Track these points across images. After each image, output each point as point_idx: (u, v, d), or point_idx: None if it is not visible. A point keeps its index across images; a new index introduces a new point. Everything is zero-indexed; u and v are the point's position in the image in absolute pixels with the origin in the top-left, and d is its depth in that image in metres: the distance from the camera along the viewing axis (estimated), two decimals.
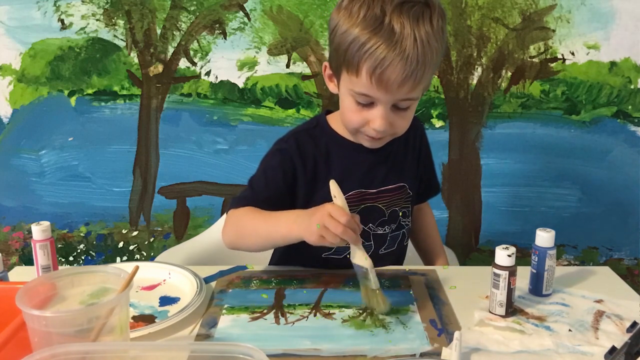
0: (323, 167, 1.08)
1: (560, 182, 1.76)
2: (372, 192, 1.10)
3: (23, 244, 1.83)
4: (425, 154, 1.21)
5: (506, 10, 1.64)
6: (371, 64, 0.90)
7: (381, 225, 1.11)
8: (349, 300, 0.96)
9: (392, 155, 1.12)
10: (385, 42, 0.89)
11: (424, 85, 0.95)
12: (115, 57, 1.71)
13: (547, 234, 0.94)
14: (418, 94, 0.96)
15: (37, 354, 0.61)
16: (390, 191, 1.11)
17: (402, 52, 0.89)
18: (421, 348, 0.82)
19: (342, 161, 1.09)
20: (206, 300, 0.96)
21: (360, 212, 1.08)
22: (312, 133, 1.10)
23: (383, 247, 1.12)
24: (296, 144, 1.08)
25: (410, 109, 0.99)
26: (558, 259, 1.76)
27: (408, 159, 1.15)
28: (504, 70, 1.69)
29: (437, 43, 0.92)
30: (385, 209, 1.11)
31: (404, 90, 0.92)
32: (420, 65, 0.90)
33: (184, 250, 1.34)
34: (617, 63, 1.66)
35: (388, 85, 0.91)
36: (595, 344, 0.82)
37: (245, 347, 0.63)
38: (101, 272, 0.76)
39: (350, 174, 1.09)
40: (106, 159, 1.77)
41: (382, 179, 1.11)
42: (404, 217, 1.14)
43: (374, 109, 0.96)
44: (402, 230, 1.14)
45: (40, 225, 0.98)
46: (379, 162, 1.10)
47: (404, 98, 0.94)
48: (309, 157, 1.08)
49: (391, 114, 0.96)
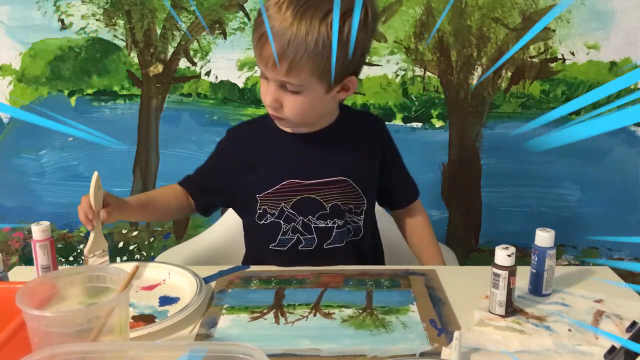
0: (254, 156, 1.13)
1: (560, 182, 1.76)
2: (307, 184, 1.11)
3: (23, 244, 1.83)
4: (390, 156, 1.20)
5: (506, 10, 1.64)
6: (256, 36, 1.00)
7: (323, 219, 1.12)
8: (349, 300, 0.96)
9: (330, 146, 1.12)
10: (269, 17, 0.97)
11: (308, 74, 0.99)
12: (115, 57, 1.71)
13: (547, 234, 0.94)
14: (301, 81, 1.00)
15: (37, 354, 0.61)
16: (328, 184, 1.11)
17: (277, 31, 0.95)
18: (421, 348, 0.82)
19: (276, 150, 1.13)
20: (206, 300, 0.96)
21: (296, 203, 1.11)
22: (252, 124, 1.20)
23: (328, 241, 1.13)
24: (233, 133, 1.18)
25: (302, 95, 1.02)
26: (558, 259, 1.76)
27: (354, 153, 1.14)
28: (504, 70, 1.69)
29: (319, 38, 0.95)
30: (325, 202, 1.11)
31: (280, 71, 0.98)
32: (291, 50, 0.96)
33: (184, 250, 1.34)
34: (617, 63, 1.66)
35: (265, 60, 0.99)
36: (595, 344, 0.82)
37: (245, 347, 0.63)
38: (101, 272, 0.76)
39: (284, 163, 1.12)
40: (106, 159, 1.77)
41: (317, 170, 1.11)
42: (350, 214, 1.14)
43: (267, 84, 1.04)
44: (348, 227, 1.14)
45: (40, 225, 0.97)
46: (313, 153, 1.12)
47: (285, 80, 1.00)
48: (240, 146, 1.15)
49: (280, 92, 1.02)
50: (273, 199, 1.12)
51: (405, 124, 1.73)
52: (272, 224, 1.13)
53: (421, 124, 1.73)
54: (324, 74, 1.00)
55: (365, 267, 1.10)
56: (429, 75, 1.70)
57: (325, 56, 0.97)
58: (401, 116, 1.72)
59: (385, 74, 1.70)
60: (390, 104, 1.72)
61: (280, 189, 1.11)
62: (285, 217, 1.12)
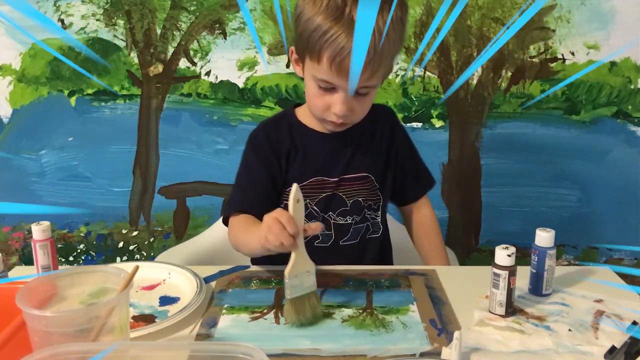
0: (286, 153, 1.12)
1: (560, 182, 1.76)
2: (333, 180, 1.11)
3: (23, 244, 1.83)
4: (402, 144, 1.19)
5: (506, 10, 1.64)
6: (331, 52, 0.94)
7: (342, 215, 1.12)
8: (349, 300, 0.96)
9: (355, 143, 1.13)
10: (345, 32, 0.93)
11: (382, 72, 1.00)
12: (115, 57, 1.71)
13: (547, 234, 0.94)
14: (377, 82, 1.01)
15: (37, 353, 0.61)
16: (352, 180, 1.12)
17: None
18: (421, 348, 0.82)
19: (304, 149, 1.12)
20: (206, 300, 0.96)
21: (321, 200, 1.11)
22: (279, 124, 1.15)
23: (344, 238, 1.13)
24: (265, 136, 1.13)
25: (369, 95, 1.03)
26: (558, 259, 1.76)
27: (374, 149, 1.15)
28: (504, 70, 1.69)
29: (395, 33, 0.97)
30: (347, 199, 1.12)
31: (363, 78, 0.97)
32: (377, 55, 0.95)
33: (184, 250, 1.34)
34: (617, 63, 1.66)
35: (346, 72, 0.96)
36: (595, 344, 0.82)
37: (245, 347, 0.63)
38: (101, 272, 0.76)
39: (311, 161, 1.12)
40: (106, 159, 1.77)
41: (343, 167, 1.12)
42: (370, 210, 1.14)
43: (335, 95, 1.01)
44: (367, 223, 1.14)
45: (40, 225, 0.98)
46: (339, 150, 1.12)
47: (363, 85, 0.99)
48: (276, 147, 1.12)
49: (351, 99, 1.01)
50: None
51: (405, 124, 1.73)
52: None
53: (421, 124, 1.73)
54: (388, 70, 1.03)
55: (366, 267, 1.10)
56: (429, 75, 1.70)
57: (398, 47, 1.00)
58: (401, 116, 1.72)
59: None
60: (390, 104, 1.72)
61: (307, 186, 1.11)
62: (307, 213, 1.12)
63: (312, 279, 0.90)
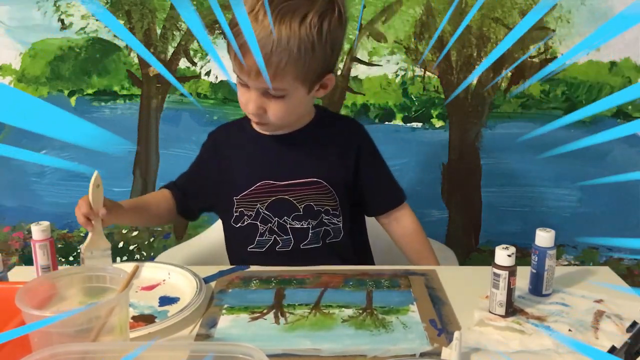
0: (231, 158, 1.15)
1: (560, 182, 1.76)
2: (281, 185, 1.11)
3: (23, 244, 1.83)
4: (367, 160, 1.17)
5: (506, 10, 1.64)
6: (234, 47, 0.97)
7: (297, 220, 1.12)
8: (349, 300, 0.96)
9: (304, 148, 1.13)
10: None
11: (292, 78, 0.99)
12: (115, 57, 1.71)
13: (547, 234, 0.94)
14: (285, 86, 1.00)
15: (37, 354, 0.61)
16: (301, 185, 1.11)
17: (258, 42, 0.94)
18: (421, 348, 0.82)
19: (251, 152, 1.14)
20: (206, 300, 0.96)
21: (270, 204, 1.12)
22: (230, 126, 1.20)
23: (305, 241, 1.13)
24: (214, 138, 1.19)
25: (285, 99, 1.03)
26: (558, 259, 1.76)
27: (330, 156, 1.13)
28: (504, 70, 1.69)
29: (301, 41, 0.96)
30: (297, 203, 1.12)
31: (264, 80, 0.98)
32: (275, 58, 0.96)
33: (184, 250, 1.34)
34: (617, 63, 1.66)
35: (247, 70, 0.98)
36: (595, 344, 0.82)
37: (245, 347, 0.63)
38: (101, 272, 0.76)
39: (257, 164, 1.13)
40: (106, 159, 1.77)
41: (290, 171, 1.12)
42: (327, 215, 1.13)
43: (248, 92, 1.03)
44: (325, 228, 1.14)
45: (40, 225, 0.97)
46: (285, 153, 1.13)
47: (267, 86, 1.00)
48: (220, 148, 1.17)
49: (263, 98, 1.02)
50: (249, 200, 1.13)
51: (405, 124, 1.73)
52: (249, 225, 1.13)
53: (421, 124, 1.73)
54: (307, 76, 1.01)
55: (366, 267, 1.10)
56: (429, 75, 1.70)
57: (307, 59, 0.98)
58: (401, 116, 1.72)
59: (385, 74, 1.70)
60: (390, 104, 1.72)
61: (255, 190, 1.12)
62: (261, 218, 1.13)
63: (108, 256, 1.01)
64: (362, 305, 0.94)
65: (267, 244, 1.14)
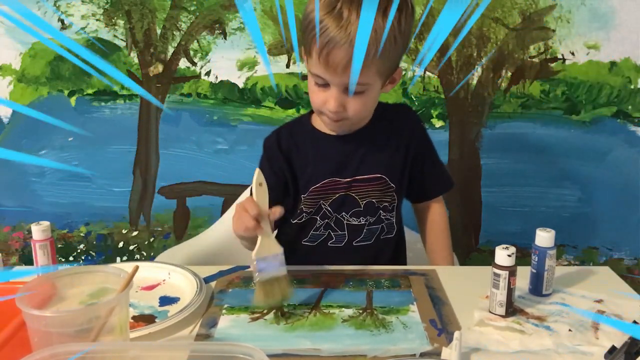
0: (298, 159, 1.14)
1: (560, 182, 1.76)
2: (346, 181, 1.12)
3: (23, 244, 1.83)
4: (422, 146, 1.19)
5: (506, 10, 1.64)
6: (319, 45, 0.96)
7: (356, 216, 1.13)
8: (349, 300, 0.96)
9: (368, 144, 1.13)
10: (332, 25, 0.95)
11: (375, 71, 1.00)
12: (115, 57, 1.71)
13: (547, 234, 0.94)
14: (369, 80, 1.01)
15: (37, 353, 0.61)
16: (365, 181, 1.12)
17: (346, 36, 0.94)
18: (421, 348, 0.82)
19: (316, 151, 1.13)
20: (206, 300, 0.96)
21: (334, 201, 1.12)
22: (292, 129, 1.17)
23: (358, 238, 1.14)
24: (276, 140, 1.15)
25: (365, 94, 1.03)
26: (558, 259, 1.76)
27: (390, 150, 1.14)
28: (504, 70, 1.69)
29: (385, 34, 0.96)
30: (360, 200, 1.12)
31: (350, 74, 0.97)
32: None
33: (184, 250, 1.34)
34: (617, 63, 1.66)
35: (334, 67, 0.97)
36: (595, 344, 0.82)
37: (245, 347, 0.63)
38: (101, 272, 0.76)
39: (323, 163, 1.13)
40: (106, 159, 1.77)
41: (355, 168, 1.12)
42: (385, 211, 1.14)
43: (328, 90, 1.02)
44: (382, 225, 1.15)
45: (40, 225, 0.98)
46: (351, 151, 1.13)
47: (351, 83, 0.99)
48: (286, 151, 1.14)
49: (344, 96, 1.02)
50: (312, 197, 1.13)
51: None
52: (308, 220, 1.14)
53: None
54: (386, 68, 1.02)
55: (366, 267, 1.10)
56: (429, 75, 1.70)
57: (392, 51, 0.99)
58: None
59: None
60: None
61: (321, 187, 1.12)
62: (322, 214, 1.13)
63: (280, 262, 0.92)
64: (362, 305, 0.94)
65: (320, 238, 1.14)
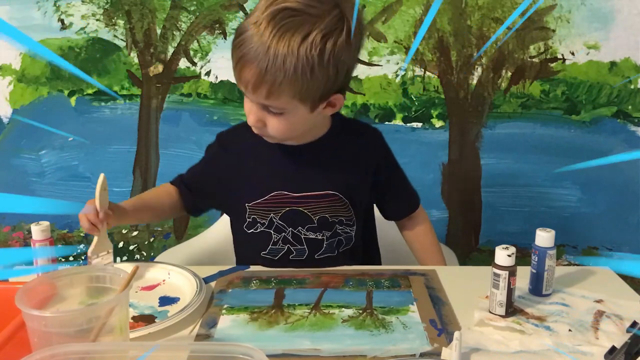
0: (244, 163, 1.12)
1: (560, 182, 1.76)
2: (295, 196, 1.10)
3: (23, 244, 1.83)
4: (387, 168, 1.17)
5: (506, 10, 1.64)
6: (235, 57, 0.95)
7: (312, 231, 1.11)
8: (349, 300, 0.96)
9: (320, 160, 1.10)
10: (248, 39, 0.92)
11: (287, 97, 0.94)
12: (115, 57, 1.71)
13: (547, 234, 0.94)
14: (282, 104, 0.96)
15: (36, 354, 0.61)
16: (316, 198, 1.10)
17: (255, 56, 0.91)
18: (421, 348, 0.82)
19: (265, 160, 1.11)
20: (206, 300, 0.96)
21: (284, 215, 1.10)
22: (242, 129, 1.12)
23: (319, 252, 1.12)
24: (223, 137, 1.17)
25: (284, 115, 0.98)
26: (558, 259, 1.76)
27: (347, 167, 1.12)
28: (504, 70, 1.69)
29: (298, 61, 0.90)
30: (312, 215, 1.10)
31: (261, 95, 0.94)
32: (270, 76, 0.91)
33: (184, 250, 1.34)
34: (617, 63, 1.66)
35: (245, 84, 0.95)
36: (595, 344, 0.82)
37: (245, 347, 0.63)
38: (101, 272, 0.76)
39: (273, 174, 1.11)
40: (106, 159, 1.77)
41: (305, 183, 1.10)
42: (341, 225, 1.12)
43: (249, 103, 1.00)
44: (339, 238, 1.13)
45: (40, 225, 0.97)
46: (304, 166, 1.10)
47: (266, 103, 0.96)
48: (230, 151, 1.14)
49: (263, 112, 0.99)
50: (262, 208, 1.11)
51: (405, 124, 1.73)
52: (263, 233, 1.12)
53: (421, 124, 1.73)
54: (307, 96, 0.95)
55: (366, 267, 1.10)
56: (429, 75, 1.70)
57: (305, 80, 0.92)
58: (401, 116, 1.72)
59: (385, 74, 1.70)
60: (390, 104, 1.72)
61: (269, 199, 1.10)
62: (275, 227, 1.11)
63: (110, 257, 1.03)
64: (362, 305, 0.94)
65: (280, 252, 1.12)
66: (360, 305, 0.94)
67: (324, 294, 0.98)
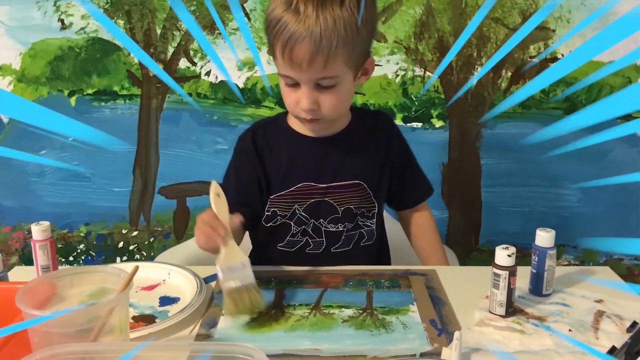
0: (271, 160, 1.12)
1: (560, 182, 1.76)
2: (322, 187, 1.11)
3: (23, 244, 1.83)
4: (400, 153, 1.18)
5: (506, 10, 1.64)
6: (281, 43, 0.96)
7: (334, 223, 1.12)
8: (349, 300, 0.96)
9: (345, 149, 1.12)
10: (291, 21, 0.94)
11: (342, 62, 0.98)
12: (115, 57, 1.71)
13: (547, 234, 0.94)
14: (337, 72, 0.99)
15: (37, 354, 0.61)
16: (343, 187, 1.11)
17: (306, 29, 0.93)
18: (421, 348, 0.82)
19: (290, 153, 1.11)
20: (206, 300, 0.96)
21: (308, 206, 1.11)
22: (266, 128, 1.14)
23: (336, 245, 1.13)
24: (252, 139, 1.13)
25: (337, 88, 1.01)
26: (558, 259, 1.76)
27: (368, 155, 1.13)
28: (504, 70, 1.69)
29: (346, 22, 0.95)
30: (338, 206, 1.11)
31: (317, 68, 0.96)
32: (326, 42, 0.94)
33: (184, 250, 1.34)
34: (617, 63, 1.66)
35: (298, 63, 0.96)
36: (595, 344, 0.82)
37: (245, 347, 0.63)
38: (101, 272, 0.76)
39: (299, 166, 1.11)
40: (106, 159, 1.77)
41: (332, 173, 1.11)
42: (363, 217, 1.13)
43: (299, 90, 1.00)
44: (360, 231, 1.14)
45: (40, 225, 0.97)
46: (328, 155, 1.11)
47: (321, 76, 0.98)
48: (261, 151, 1.12)
49: (316, 92, 1.00)
50: (285, 201, 1.11)
51: (405, 124, 1.73)
52: (282, 225, 1.12)
53: (421, 124, 1.73)
54: (353, 59, 1.00)
55: (366, 267, 1.10)
56: (429, 75, 1.70)
57: (355, 39, 0.97)
58: (401, 116, 1.72)
59: (385, 74, 1.70)
60: (390, 104, 1.72)
61: (295, 191, 1.10)
62: (296, 219, 1.12)
63: (247, 271, 0.91)
64: (362, 305, 0.94)
65: (297, 244, 1.13)
66: (361, 305, 0.94)
67: (324, 294, 0.98)
